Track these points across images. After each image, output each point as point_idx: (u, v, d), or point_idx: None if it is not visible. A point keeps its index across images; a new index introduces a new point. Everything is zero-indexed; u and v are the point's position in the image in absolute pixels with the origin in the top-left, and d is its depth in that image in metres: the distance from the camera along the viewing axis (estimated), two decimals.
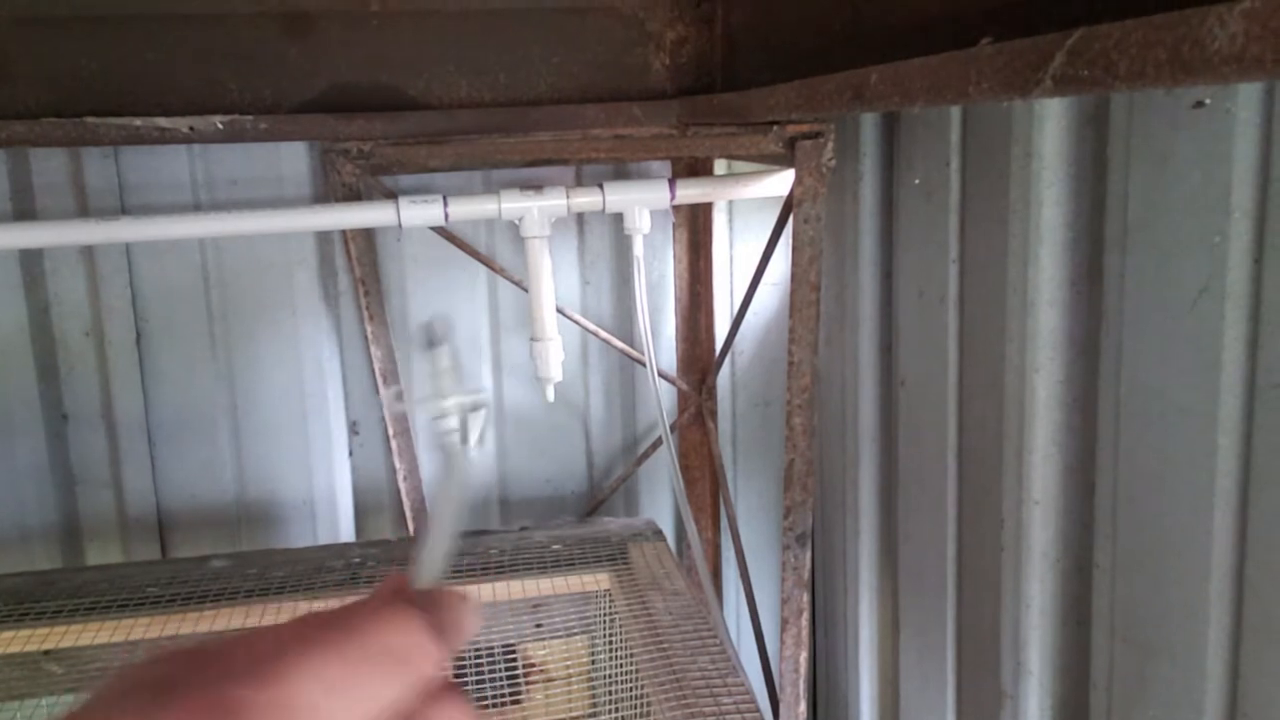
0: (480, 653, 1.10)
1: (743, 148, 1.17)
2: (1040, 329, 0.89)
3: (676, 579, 1.14)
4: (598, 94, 1.19)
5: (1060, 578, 0.93)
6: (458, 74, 1.16)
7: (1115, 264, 0.80)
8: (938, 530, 1.09)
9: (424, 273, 1.41)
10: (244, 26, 1.10)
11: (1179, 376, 0.75)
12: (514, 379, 1.47)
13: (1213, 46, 0.37)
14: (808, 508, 1.20)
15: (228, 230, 1.14)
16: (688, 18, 1.19)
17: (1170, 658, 0.79)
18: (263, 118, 1.09)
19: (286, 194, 1.31)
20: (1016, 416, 0.92)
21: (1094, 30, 0.44)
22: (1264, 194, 0.68)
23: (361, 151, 1.14)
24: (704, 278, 1.49)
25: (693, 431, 1.53)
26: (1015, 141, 0.88)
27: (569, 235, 1.45)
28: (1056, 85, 0.47)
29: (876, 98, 0.67)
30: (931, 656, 1.14)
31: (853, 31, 0.81)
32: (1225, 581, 0.74)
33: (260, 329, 1.35)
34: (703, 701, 0.90)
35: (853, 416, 1.28)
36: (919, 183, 1.07)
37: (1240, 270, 0.70)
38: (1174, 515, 0.77)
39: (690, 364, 1.51)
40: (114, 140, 1.07)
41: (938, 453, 1.08)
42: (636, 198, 1.20)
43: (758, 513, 1.59)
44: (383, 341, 1.25)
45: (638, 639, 1.02)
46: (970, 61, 0.54)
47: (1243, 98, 0.68)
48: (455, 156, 1.16)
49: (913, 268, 1.11)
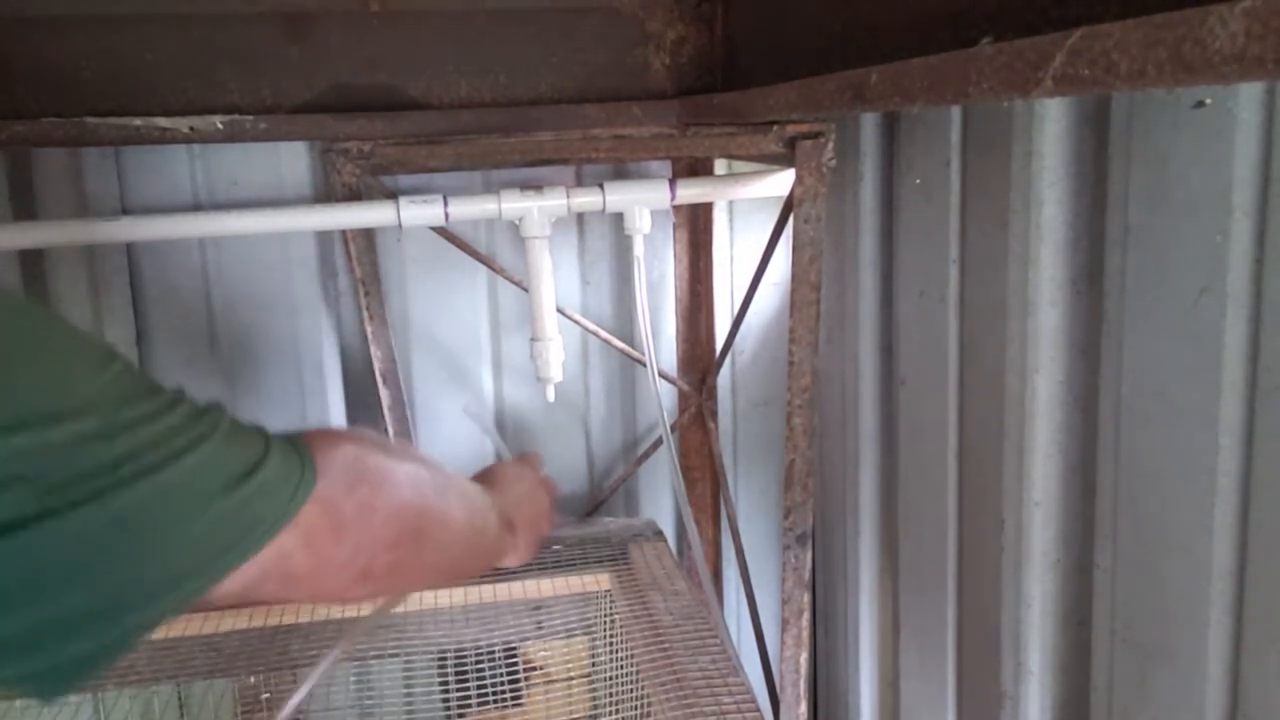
0: (481, 653, 1.10)
1: (743, 148, 1.17)
2: (1041, 329, 0.89)
3: (677, 579, 1.14)
4: (598, 94, 1.19)
5: (1061, 578, 0.93)
6: (458, 74, 1.16)
7: (1116, 264, 0.80)
8: (938, 530, 1.09)
9: (424, 273, 1.41)
10: (244, 26, 1.10)
11: (1180, 376, 0.75)
12: (514, 379, 1.47)
13: (1213, 46, 0.37)
14: (808, 508, 1.20)
15: (228, 230, 1.14)
16: (688, 17, 1.19)
17: (1171, 658, 0.79)
18: (263, 118, 1.09)
19: (286, 194, 1.31)
20: (1017, 416, 0.92)
21: (1094, 30, 0.44)
22: (1265, 194, 0.68)
23: (361, 151, 1.14)
24: (704, 278, 1.49)
25: (693, 431, 1.53)
26: (1016, 141, 0.88)
27: (569, 235, 1.44)
28: (1057, 85, 0.47)
29: (877, 97, 0.67)
30: (932, 657, 1.14)
31: (853, 31, 0.81)
32: (1226, 582, 0.74)
33: (260, 329, 1.35)
34: (703, 701, 0.90)
35: (853, 417, 1.28)
36: (919, 183, 1.07)
37: (1241, 270, 0.70)
38: (1175, 515, 0.77)
39: (690, 364, 1.51)
40: (114, 140, 1.07)
41: (938, 453, 1.07)
42: (637, 197, 1.20)
43: (758, 513, 1.59)
44: (383, 341, 1.25)
45: (638, 639, 1.02)
46: (970, 61, 0.54)
47: (1244, 98, 0.68)
48: (455, 156, 1.16)
49: (913, 268, 1.11)
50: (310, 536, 0.49)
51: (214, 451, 0.44)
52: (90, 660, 0.41)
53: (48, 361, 0.41)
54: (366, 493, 0.54)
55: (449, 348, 1.44)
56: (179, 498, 0.42)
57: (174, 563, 0.43)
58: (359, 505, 0.53)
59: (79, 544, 0.39)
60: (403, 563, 0.57)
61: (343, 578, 0.53)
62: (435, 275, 1.41)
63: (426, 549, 0.60)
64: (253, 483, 0.45)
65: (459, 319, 1.44)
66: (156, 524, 0.41)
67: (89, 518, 0.39)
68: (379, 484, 0.56)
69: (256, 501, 0.46)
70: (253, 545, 0.45)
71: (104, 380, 0.42)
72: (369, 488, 0.55)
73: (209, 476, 0.44)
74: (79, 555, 0.39)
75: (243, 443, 0.47)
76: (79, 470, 0.39)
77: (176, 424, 0.43)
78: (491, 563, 0.73)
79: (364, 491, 0.54)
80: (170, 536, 0.42)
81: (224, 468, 0.45)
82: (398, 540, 0.56)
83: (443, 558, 0.63)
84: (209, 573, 0.44)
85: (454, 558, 0.64)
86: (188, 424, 0.44)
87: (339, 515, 0.52)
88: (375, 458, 0.57)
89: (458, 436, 1.45)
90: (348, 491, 0.53)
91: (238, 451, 0.46)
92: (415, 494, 0.59)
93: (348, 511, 0.53)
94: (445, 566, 0.64)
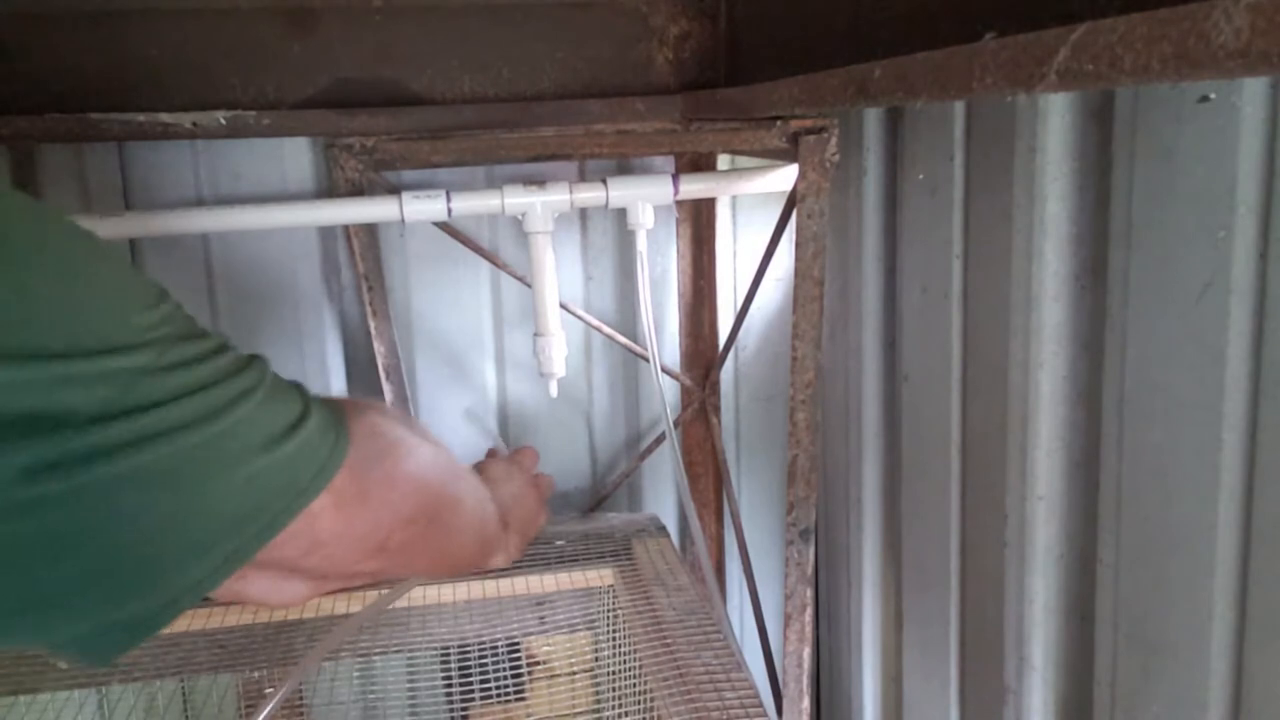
0: (485, 648, 1.10)
1: (746, 143, 1.17)
2: (1044, 324, 0.88)
3: (680, 574, 1.14)
4: (601, 89, 1.19)
5: (1064, 573, 0.93)
6: (461, 69, 1.16)
7: (1119, 259, 0.80)
8: (941, 525, 1.09)
9: (427, 268, 1.41)
10: (247, 22, 1.10)
11: (1184, 372, 0.75)
12: (517, 374, 1.47)
13: (1218, 41, 0.37)
14: (811, 503, 1.20)
15: (231, 225, 1.15)
16: (691, 12, 1.19)
17: (1174, 653, 0.79)
18: (266, 113, 1.09)
19: (289, 189, 1.31)
20: (1020, 412, 0.92)
21: (1099, 24, 0.44)
22: (1269, 189, 0.68)
23: (364, 147, 1.14)
24: (707, 273, 1.49)
25: (696, 427, 1.53)
26: (1019, 136, 0.88)
27: (572, 230, 1.44)
28: (1061, 80, 0.47)
29: (880, 92, 0.67)
30: (935, 652, 1.14)
31: (856, 26, 0.81)
32: (1230, 577, 0.74)
33: (263, 324, 1.35)
34: (706, 696, 0.90)
35: (856, 412, 1.28)
36: (923, 178, 1.06)
37: (1245, 265, 0.69)
38: (1178, 510, 0.77)
39: (694, 359, 1.51)
40: (117, 135, 1.07)
41: (941, 448, 1.07)
42: (640, 193, 1.20)
43: (761, 508, 1.59)
44: (386, 337, 1.25)
45: (641, 634, 1.02)
46: (974, 56, 0.54)
47: (1248, 93, 0.68)
48: (458, 152, 1.16)
49: (916, 263, 1.11)
50: (340, 500, 0.48)
51: (259, 405, 0.43)
52: (136, 625, 0.40)
53: (103, 288, 0.39)
54: (391, 465, 0.54)
55: (452, 343, 1.45)
56: (224, 450, 0.41)
57: (216, 517, 0.41)
58: (385, 475, 0.53)
59: (127, 489, 0.37)
60: (415, 540, 0.57)
61: (360, 549, 0.52)
62: (438, 270, 1.41)
63: (438, 530, 0.60)
64: (294, 441, 0.45)
65: (462, 314, 1.44)
66: (201, 475, 0.40)
67: (137, 461, 0.37)
68: (403, 458, 0.55)
69: (297, 460, 0.45)
70: (287, 506, 0.45)
71: (157, 316, 0.41)
72: (393, 460, 0.54)
73: (253, 431, 0.43)
74: (126, 502, 0.37)
75: (285, 399, 0.46)
76: (130, 404, 0.37)
77: (224, 370, 0.42)
78: (486, 557, 0.71)
79: (389, 464, 0.54)
80: (214, 489, 0.41)
81: (268, 423, 0.44)
82: (414, 516, 0.56)
83: (450, 543, 0.63)
84: (242, 528, 0.43)
85: (459, 544, 0.65)
86: (234, 373, 0.43)
87: (366, 481, 0.51)
88: (400, 430, 0.56)
89: (460, 432, 1.45)
90: (376, 460, 0.53)
91: (280, 408, 0.45)
92: (434, 473, 0.59)
93: (375, 479, 0.52)
94: (451, 551, 0.64)
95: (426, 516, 0.58)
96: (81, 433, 0.35)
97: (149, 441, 0.37)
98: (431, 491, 0.59)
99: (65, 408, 0.35)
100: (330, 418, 0.49)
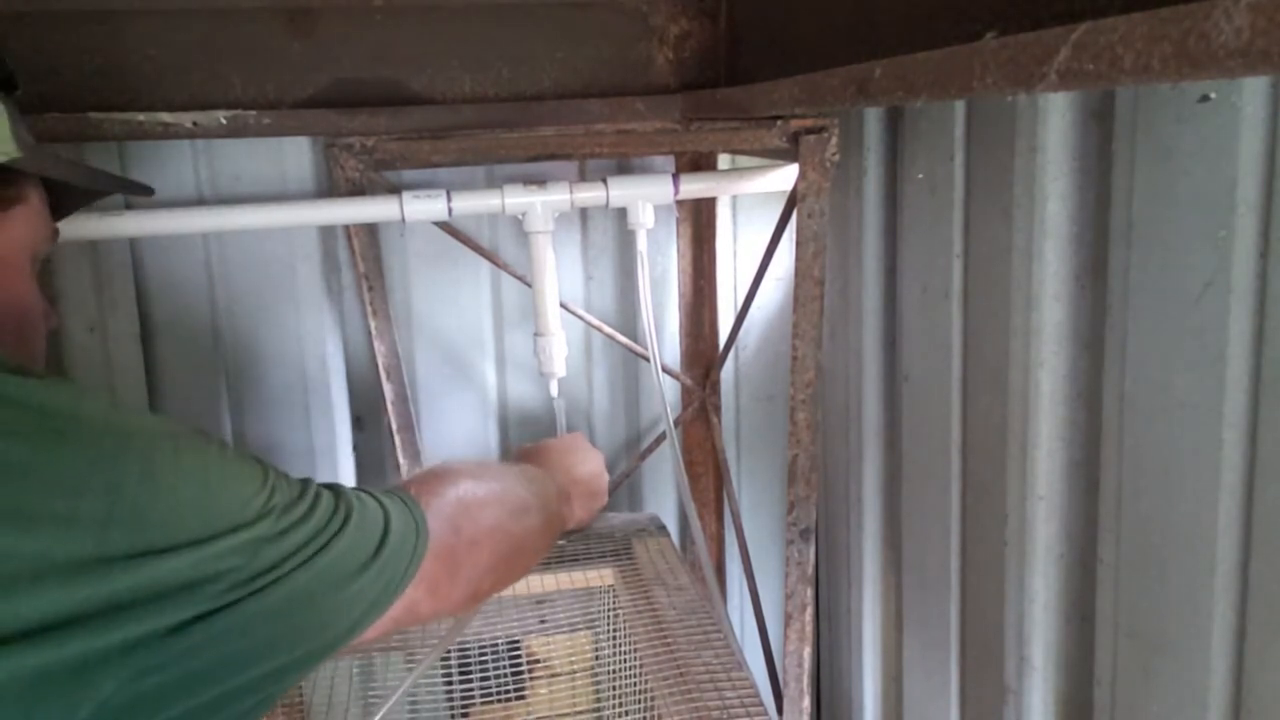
0: (485, 648, 1.10)
1: (746, 142, 1.17)
2: (1044, 324, 0.88)
3: (680, 574, 1.14)
4: (601, 89, 1.19)
5: (1064, 573, 0.93)
6: (461, 69, 1.16)
7: (1120, 258, 0.80)
8: (941, 525, 1.09)
9: (427, 268, 1.41)
10: (247, 21, 1.10)
11: (1184, 371, 0.75)
12: (517, 374, 1.47)
13: (1219, 40, 0.37)
14: (811, 503, 1.20)
15: (231, 225, 1.14)
16: (691, 12, 1.19)
17: (1174, 653, 0.79)
18: (266, 113, 1.09)
19: (290, 189, 1.31)
20: (1020, 411, 0.92)
21: (1099, 24, 0.44)
22: (1270, 189, 0.68)
23: (364, 146, 1.14)
24: (708, 273, 1.49)
25: (696, 426, 1.53)
26: (1019, 136, 0.88)
27: (572, 230, 1.44)
28: (1061, 79, 0.47)
29: (880, 92, 0.67)
30: (935, 651, 1.14)
31: (856, 25, 0.81)
32: (1230, 576, 0.74)
33: (263, 324, 1.35)
34: (707, 696, 0.90)
35: (856, 411, 1.28)
36: (923, 177, 1.06)
37: (1245, 265, 0.69)
38: (1179, 510, 0.77)
39: (694, 359, 1.51)
40: (117, 135, 1.07)
41: (941, 448, 1.07)
42: (640, 193, 1.20)
43: (761, 508, 1.59)
44: (386, 336, 1.25)
45: (642, 634, 1.02)
46: (975, 55, 0.54)
47: (1248, 92, 0.68)
48: (458, 151, 1.16)
49: (916, 262, 1.11)
50: (432, 584, 0.62)
51: (351, 538, 0.57)
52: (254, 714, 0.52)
53: (223, 478, 0.52)
54: (470, 529, 0.66)
55: (452, 343, 1.44)
56: (329, 581, 0.54)
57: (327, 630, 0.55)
58: (467, 544, 0.66)
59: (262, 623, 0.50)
60: (502, 577, 0.70)
61: (459, 608, 0.67)
62: (438, 270, 1.41)
63: (519, 555, 0.73)
64: (381, 557, 0.58)
65: (462, 314, 1.44)
66: (315, 603, 0.53)
67: (268, 602, 0.50)
68: (477, 517, 0.68)
69: (386, 570, 0.58)
70: (384, 604, 0.58)
71: (266, 492, 0.53)
72: (471, 522, 0.67)
73: (349, 559, 0.56)
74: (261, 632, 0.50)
75: (369, 523, 0.59)
76: (256, 569, 0.50)
77: (322, 519, 0.55)
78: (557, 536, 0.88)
79: (468, 529, 0.66)
80: (324, 611, 0.54)
81: (359, 550, 0.57)
82: (496, 563, 0.69)
83: (533, 556, 0.77)
84: (353, 632, 0.57)
85: (537, 549, 0.79)
86: (329, 519, 0.56)
87: (453, 559, 0.64)
88: (467, 487, 0.69)
89: (460, 431, 1.45)
90: (455, 534, 0.65)
91: (367, 534, 0.58)
92: (506, 512, 0.71)
93: (460, 553, 0.65)
94: (533, 559, 0.78)
95: (508, 553, 0.70)
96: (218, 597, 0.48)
97: (272, 586, 0.50)
98: (505, 530, 0.70)
99: (206, 576, 0.47)
100: (408, 516, 0.62)
